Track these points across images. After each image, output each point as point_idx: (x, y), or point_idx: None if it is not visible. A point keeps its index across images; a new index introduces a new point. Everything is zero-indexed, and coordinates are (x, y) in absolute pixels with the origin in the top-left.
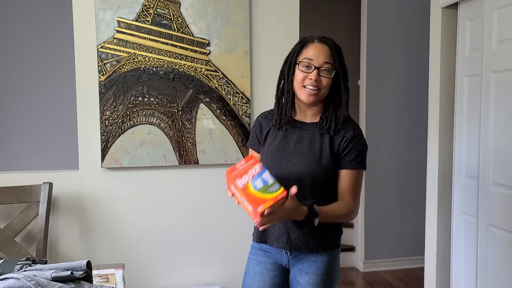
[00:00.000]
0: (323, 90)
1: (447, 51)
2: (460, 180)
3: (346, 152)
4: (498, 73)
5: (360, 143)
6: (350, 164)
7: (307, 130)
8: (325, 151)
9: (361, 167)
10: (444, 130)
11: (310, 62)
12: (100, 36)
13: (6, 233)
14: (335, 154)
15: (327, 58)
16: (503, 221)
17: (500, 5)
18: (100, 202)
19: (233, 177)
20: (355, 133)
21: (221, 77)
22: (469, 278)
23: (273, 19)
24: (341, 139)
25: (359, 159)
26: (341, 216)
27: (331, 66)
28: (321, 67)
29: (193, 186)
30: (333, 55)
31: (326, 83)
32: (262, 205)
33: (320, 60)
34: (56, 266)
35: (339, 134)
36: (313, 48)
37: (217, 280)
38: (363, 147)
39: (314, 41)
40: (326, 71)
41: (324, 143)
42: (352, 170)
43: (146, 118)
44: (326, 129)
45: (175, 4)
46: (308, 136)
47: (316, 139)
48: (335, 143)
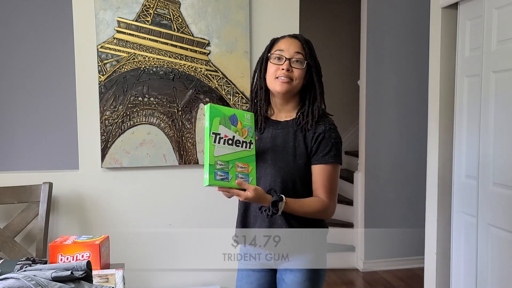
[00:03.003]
0: (295, 81)
1: (447, 51)
2: (460, 180)
3: (318, 147)
4: (498, 73)
5: (332, 137)
6: (323, 158)
7: (281, 129)
8: (299, 149)
9: (335, 162)
10: (444, 130)
11: (281, 53)
12: (100, 36)
13: (6, 233)
14: (309, 151)
15: (298, 49)
16: (503, 221)
17: (500, 5)
18: (100, 202)
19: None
20: (326, 127)
21: (221, 77)
22: (469, 278)
23: (273, 19)
24: (313, 135)
25: (332, 153)
26: (313, 212)
27: (303, 56)
28: (292, 57)
29: (193, 186)
30: (304, 47)
31: (299, 74)
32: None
33: (291, 51)
34: (56, 266)
35: (311, 130)
36: (284, 41)
37: (217, 280)
38: (336, 141)
39: (285, 37)
40: (298, 62)
41: (298, 140)
42: (325, 165)
43: (146, 118)
44: (303, 125)
45: (175, 4)
46: (282, 134)
47: (290, 137)
48: (307, 140)
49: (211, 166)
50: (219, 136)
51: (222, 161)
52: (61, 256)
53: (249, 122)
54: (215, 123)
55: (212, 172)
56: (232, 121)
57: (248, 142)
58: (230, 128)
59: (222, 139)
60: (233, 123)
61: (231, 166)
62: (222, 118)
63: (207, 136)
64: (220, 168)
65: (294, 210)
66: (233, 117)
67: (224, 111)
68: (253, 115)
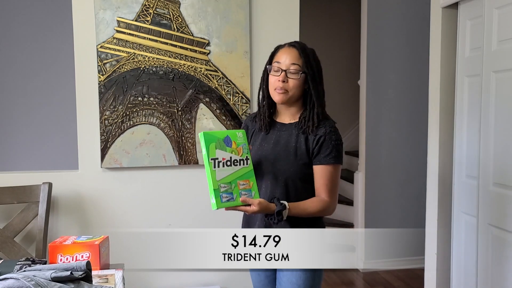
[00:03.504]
0: (292, 91)
1: (447, 51)
2: (460, 180)
3: (319, 149)
4: (499, 73)
5: (332, 139)
6: (325, 159)
7: (285, 131)
8: (301, 150)
9: (336, 162)
10: (444, 130)
11: (279, 65)
12: (100, 36)
13: (6, 233)
14: (310, 153)
15: (294, 60)
16: (503, 221)
17: (500, 5)
18: (99, 202)
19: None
20: (326, 130)
21: (221, 77)
22: (469, 278)
23: (273, 19)
24: (314, 137)
25: (332, 155)
26: (315, 212)
27: (299, 67)
28: (287, 69)
29: (193, 186)
30: (300, 56)
31: (294, 84)
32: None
33: (287, 62)
34: (56, 266)
35: (312, 133)
36: (282, 52)
37: (217, 280)
38: (337, 143)
39: (284, 46)
40: (293, 73)
41: (300, 142)
42: (326, 165)
43: (146, 118)
44: (304, 129)
45: (174, 4)
46: (285, 136)
47: (292, 139)
48: (309, 142)
49: (215, 191)
50: (218, 161)
51: (224, 183)
52: (60, 256)
53: (242, 140)
54: (212, 149)
55: (218, 196)
56: (227, 143)
57: (244, 159)
58: (226, 150)
59: (220, 163)
60: (228, 144)
61: (233, 185)
62: (217, 143)
63: (206, 163)
64: (224, 190)
65: (298, 213)
66: (227, 139)
67: (217, 135)
68: (244, 132)
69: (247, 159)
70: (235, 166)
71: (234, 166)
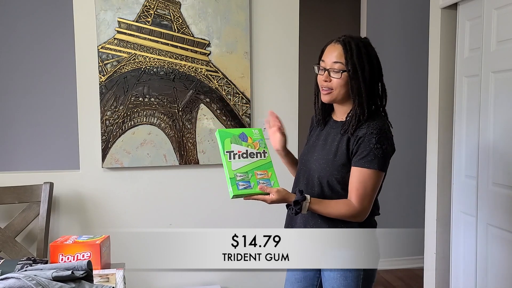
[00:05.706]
0: (336, 90)
1: (447, 51)
2: (459, 180)
3: (357, 150)
4: (498, 74)
5: (372, 142)
6: (360, 162)
7: (335, 128)
8: (341, 150)
9: (370, 167)
10: (444, 130)
11: (323, 64)
12: (101, 37)
13: (7, 233)
14: (350, 153)
15: (337, 58)
16: (502, 221)
17: (499, 5)
18: (100, 202)
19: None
20: (367, 131)
21: (221, 78)
22: (469, 278)
23: (273, 19)
24: (354, 138)
25: (368, 158)
26: (337, 214)
27: (342, 65)
28: (330, 68)
29: (194, 186)
30: (344, 53)
31: (337, 83)
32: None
33: (330, 61)
34: (57, 266)
35: (354, 133)
36: (327, 49)
37: (217, 280)
38: (376, 147)
39: (331, 42)
40: (335, 72)
41: (342, 141)
42: (361, 168)
43: (147, 118)
44: (345, 129)
45: (175, 5)
46: (333, 134)
47: (336, 138)
48: (350, 142)
49: (232, 179)
50: (233, 153)
51: (241, 172)
52: (61, 256)
53: (258, 136)
54: (227, 143)
55: (234, 184)
56: (242, 138)
57: (261, 152)
58: (241, 144)
59: (236, 155)
60: (243, 139)
61: (250, 175)
62: (232, 138)
63: (222, 156)
64: (241, 179)
65: (320, 210)
66: (242, 135)
67: (232, 132)
68: (261, 130)
69: (265, 152)
70: (252, 158)
71: (250, 158)
